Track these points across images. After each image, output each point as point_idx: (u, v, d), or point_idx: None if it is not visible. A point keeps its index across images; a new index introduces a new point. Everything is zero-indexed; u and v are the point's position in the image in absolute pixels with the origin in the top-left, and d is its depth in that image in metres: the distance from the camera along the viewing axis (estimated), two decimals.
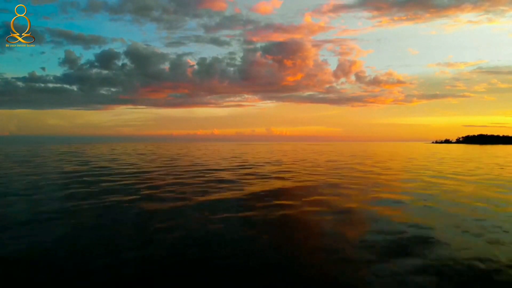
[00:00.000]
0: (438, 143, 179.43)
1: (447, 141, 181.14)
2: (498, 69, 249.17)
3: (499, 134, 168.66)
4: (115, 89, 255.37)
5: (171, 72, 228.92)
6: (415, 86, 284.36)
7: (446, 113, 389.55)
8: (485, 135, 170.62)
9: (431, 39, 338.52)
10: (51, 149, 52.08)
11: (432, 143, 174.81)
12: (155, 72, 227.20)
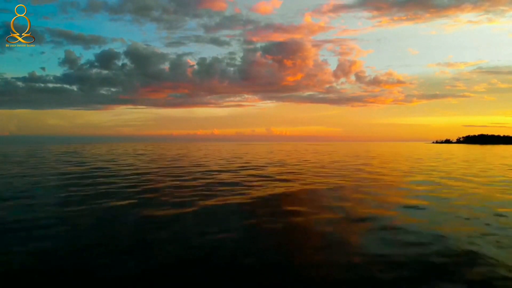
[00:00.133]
0: (438, 143, 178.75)
1: (447, 141, 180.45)
2: (498, 69, 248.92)
3: (500, 134, 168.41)
4: (115, 89, 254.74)
5: (171, 72, 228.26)
6: (415, 86, 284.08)
7: (446, 113, 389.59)
8: (485, 135, 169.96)
9: (431, 39, 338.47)
10: (50, 149, 51.19)
11: (432, 143, 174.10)
12: (155, 72, 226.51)
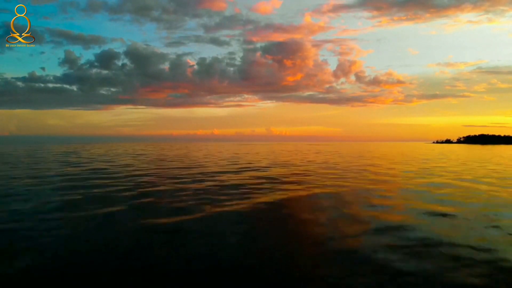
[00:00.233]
0: (439, 143, 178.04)
1: (448, 141, 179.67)
2: (498, 69, 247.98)
3: (500, 134, 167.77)
4: (115, 89, 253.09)
5: (171, 72, 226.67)
6: (415, 86, 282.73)
7: (446, 113, 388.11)
8: (486, 135, 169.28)
9: (431, 39, 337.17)
10: (48, 149, 50.07)
11: (433, 143, 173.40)
12: (155, 72, 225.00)
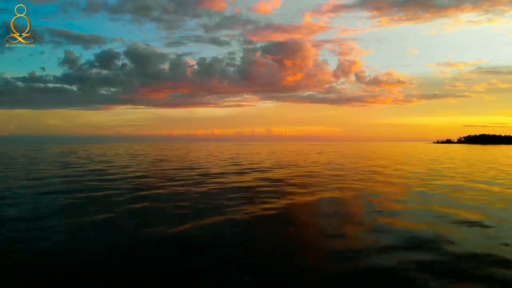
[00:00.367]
0: (439, 143, 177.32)
1: (448, 141, 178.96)
2: (498, 69, 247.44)
3: (500, 134, 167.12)
4: (115, 89, 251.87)
5: (171, 72, 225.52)
6: (415, 86, 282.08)
7: (446, 113, 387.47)
8: (486, 135, 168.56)
9: (431, 39, 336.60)
10: (47, 149, 48.97)
11: (433, 143, 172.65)
12: (155, 72, 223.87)
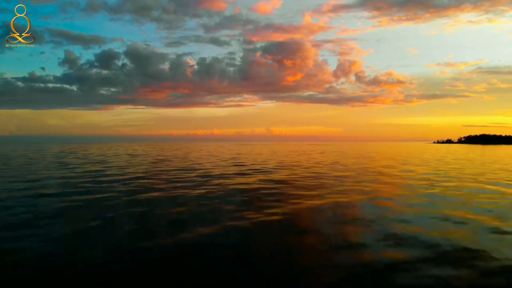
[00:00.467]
0: (439, 143, 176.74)
1: (449, 141, 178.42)
2: (498, 69, 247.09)
3: (500, 134, 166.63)
4: (115, 89, 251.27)
5: (171, 72, 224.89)
6: (415, 86, 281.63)
7: (446, 113, 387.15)
8: (487, 135, 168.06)
9: (431, 39, 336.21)
10: (46, 149, 48.13)
11: (433, 143, 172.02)
12: (155, 72, 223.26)
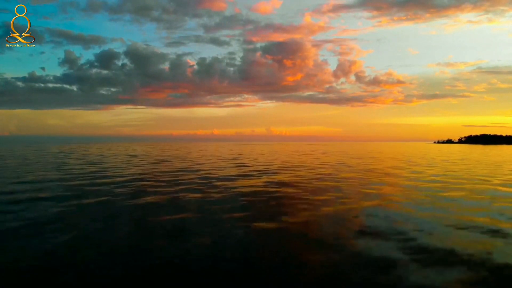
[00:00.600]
0: (440, 143, 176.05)
1: (449, 141, 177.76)
2: (498, 69, 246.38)
3: (500, 134, 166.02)
4: (115, 89, 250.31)
5: (171, 72, 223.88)
6: (415, 86, 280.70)
7: (446, 113, 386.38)
8: (487, 135, 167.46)
9: (431, 39, 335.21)
10: (45, 149, 47.13)
11: (434, 143, 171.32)
12: (155, 72, 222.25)
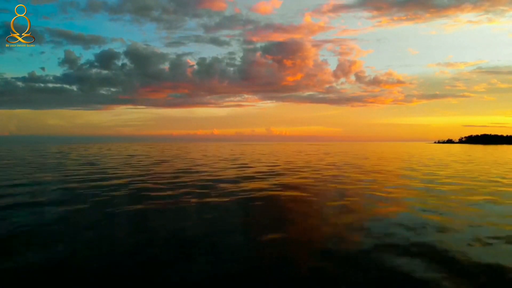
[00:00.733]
0: (440, 143, 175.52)
1: (449, 141, 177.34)
2: (498, 69, 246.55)
3: (501, 134, 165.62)
4: (115, 89, 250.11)
5: (171, 72, 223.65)
6: (415, 86, 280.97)
7: (446, 113, 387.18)
8: (488, 135, 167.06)
9: (431, 39, 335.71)
10: (45, 149, 46.24)
11: (434, 143, 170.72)
12: (155, 72, 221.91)
